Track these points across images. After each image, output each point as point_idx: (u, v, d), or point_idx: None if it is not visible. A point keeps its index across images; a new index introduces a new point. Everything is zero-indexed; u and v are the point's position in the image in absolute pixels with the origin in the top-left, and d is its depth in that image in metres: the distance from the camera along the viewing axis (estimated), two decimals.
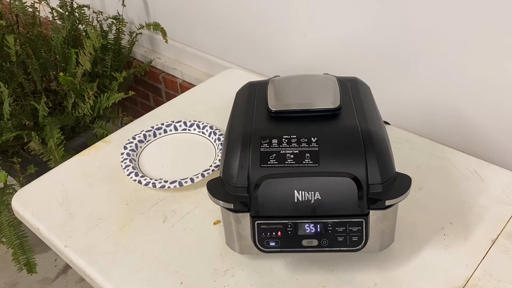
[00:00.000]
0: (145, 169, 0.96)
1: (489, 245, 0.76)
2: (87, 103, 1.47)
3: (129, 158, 0.96)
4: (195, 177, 0.90)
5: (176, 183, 0.89)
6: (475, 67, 0.92)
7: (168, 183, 0.89)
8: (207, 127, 1.03)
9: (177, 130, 1.05)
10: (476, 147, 0.99)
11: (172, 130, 1.05)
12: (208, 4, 1.37)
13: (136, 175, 0.91)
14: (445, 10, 0.90)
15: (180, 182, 0.89)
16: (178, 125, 1.05)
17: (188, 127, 1.05)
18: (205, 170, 0.91)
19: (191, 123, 1.05)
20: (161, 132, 1.04)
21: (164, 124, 1.05)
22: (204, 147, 1.01)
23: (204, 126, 1.04)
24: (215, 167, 0.92)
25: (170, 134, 1.05)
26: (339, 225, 0.66)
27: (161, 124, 1.05)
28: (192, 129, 1.05)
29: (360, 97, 0.78)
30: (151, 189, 0.91)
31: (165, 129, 1.04)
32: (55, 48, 1.57)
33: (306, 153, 0.67)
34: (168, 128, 1.05)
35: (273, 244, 0.68)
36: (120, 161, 0.95)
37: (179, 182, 0.89)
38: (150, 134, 1.03)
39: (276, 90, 0.78)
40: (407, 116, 1.07)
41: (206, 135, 1.03)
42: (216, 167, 0.92)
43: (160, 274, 0.75)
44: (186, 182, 0.89)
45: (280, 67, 1.27)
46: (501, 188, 0.86)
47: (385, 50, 1.04)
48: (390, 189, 0.65)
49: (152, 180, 0.90)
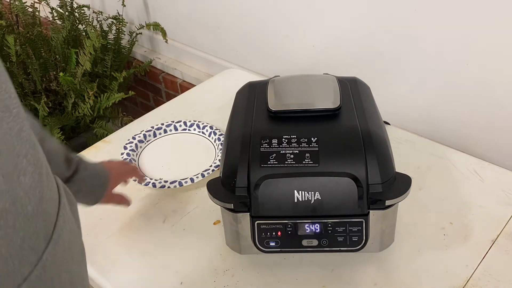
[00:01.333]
0: (145, 169, 0.96)
1: (489, 245, 0.76)
2: (87, 103, 1.47)
3: (129, 158, 0.96)
4: (195, 177, 0.90)
5: (176, 183, 0.89)
6: (475, 67, 0.92)
7: (168, 183, 0.89)
8: (207, 127, 1.03)
9: (177, 130, 1.05)
10: (476, 147, 0.99)
11: (172, 130, 1.05)
12: (208, 4, 1.37)
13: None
14: (445, 10, 0.90)
15: (180, 182, 0.89)
16: (178, 125, 1.05)
17: (188, 127, 1.05)
18: (205, 170, 0.91)
19: (191, 123, 1.05)
20: (161, 132, 1.04)
21: (164, 124, 1.05)
22: (204, 147, 1.01)
23: (204, 126, 1.04)
24: (215, 167, 0.92)
25: (170, 134, 1.05)
26: (339, 225, 0.66)
27: (161, 124, 1.05)
28: (192, 129, 1.05)
29: (360, 97, 0.78)
30: (151, 189, 0.91)
31: (165, 129, 1.04)
32: (55, 48, 1.57)
33: (306, 153, 0.67)
34: (168, 128, 1.05)
35: (273, 244, 0.68)
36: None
37: (179, 182, 0.89)
38: (150, 134, 1.03)
39: (276, 90, 0.78)
40: (407, 116, 1.07)
41: (206, 135, 1.03)
42: (216, 167, 0.92)
43: (160, 274, 0.75)
44: (186, 182, 0.89)
45: (280, 67, 1.27)
46: (501, 188, 0.86)
47: (385, 50, 1.04)
48: (390, 189, 0.65)
49: (152, 180, 0.90)
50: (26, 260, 0.35)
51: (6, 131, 0.33)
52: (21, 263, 0.35)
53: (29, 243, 0.35)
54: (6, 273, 0.34)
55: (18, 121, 0.35)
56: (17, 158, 0.34)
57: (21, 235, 0.34)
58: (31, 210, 0.35)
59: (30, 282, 0.35)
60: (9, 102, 0.34)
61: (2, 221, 0.32)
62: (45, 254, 0.37)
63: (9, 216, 0.33)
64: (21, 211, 0.34)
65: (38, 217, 0.37)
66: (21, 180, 0.34)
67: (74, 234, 0.45)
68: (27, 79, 1.54)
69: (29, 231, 0.35)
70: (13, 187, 0.33)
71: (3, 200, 0.32)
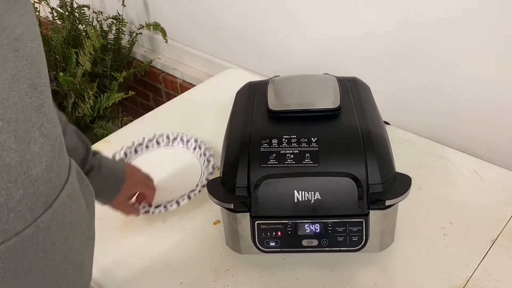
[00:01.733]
0: None
1: (489, 245, 0.76)
2: (87, 103, 1.47)
3: None
4: (180, 200, 0.84)
5: (161, 207, 0.83)
6: (475, 67, 0.92)
7: (152, 208, 0.83)
8: (191, 141, 0.96)
9: (160, 145, 0.98)
10: (476, 147, 0.99)
11: (154, 146, 0.98)
12: (208, 4, 1.37)
13: None
14: (445, 9, 0.90)
15: (165, 206, 0.83)
16: (160, 139, 0.98)
17: (171, 141, 0.98)
18: (191, 191, 0.85)
19: (174, 137, 0.98)
20: (143, 148, 0.97)
21: (146, 139, 0.98)
22: (189, 163, 0.93)
23: (188, 140, 0.97)
24: (201, 187, 0.86)
25: (152, 150, 0.98)
26: (339, 225, 0.66)
27: (142, 139, 0.98)
28: (176, 144, 0.98)
29: (360, 97, 0.78)
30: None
31: (146, 144, 0.97)
32: (55, 48, 1.57)
33: (306, 153, 0.67)
34: (150, 143, 0.98)
35: (273, 244, 0.68)
36: None
37: (164, 206, 0.83)
38: (131, 151, 0.96)
39: (276, 90, 0.78)
40: (407, 116, 1.07)
41: (191, 150, 0.96)
42: (203, 187, 0.86)
43: (160, 274, 0.75)
44: (172, 205, 0.83)
45: (280, 67, 1.27)
46: (501, 188, 0.86)
47: (385, 50, 1.04)
48: (390, 189, 0.65)
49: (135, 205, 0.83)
50: (22, 218, 0.38)
51: (27, 104, 0.38)
52: (16, 218, 0.38)
53: (27, 202, 0.38)
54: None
55: (41, 97, 0.39)
56: (31, 128, 0.38)
57: (21, 192, 0.38)
58: (35, 174, 0.39)
59: (22, 238, 0.38)
60: (38, 80, 0.39)
61: (5, 174, 0.36)
62: (42, 218, 0.40)
63: (12, 172, 0.36)
64: (25, 170, 0.38)
65: (41, 182, 0.40)
66: (30, 146, 0.38)
67: (80, 216, 0.47)
68: None
69: (30, 191, 0.38)
70: (22, 149, 0.37)
71: (10, 156, 0.36)
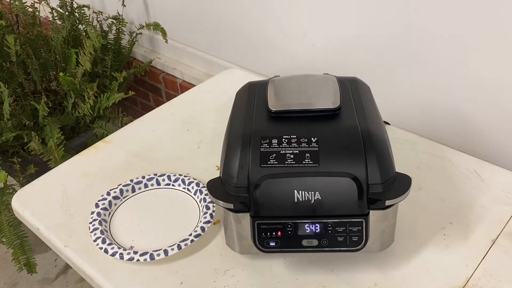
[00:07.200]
0: (117, 231, 0.83)
1: (489, 245, 0.76)
2: (87, 103, 1.47)
3: (99, 219, 0.83)
4: (169, 249, 0.77)
5: (147, 255, 0.77)
6: (475, 67, 0.92)
7: (137, 255, 0.77)
8: (193, 184, 0.91)
9: (160, 184, 0.92)
10: (476, 147, 0.99)
11: (154, 185, 0.92)
12: (208, 4, 1.37)
13: (104, 242, 0.79)
14: (445, 9, 0.90)
15: (151, 255, 0.77)
16: (161, 179, 0.93)
17: (172, 182, 0.92)
18: (182, 241, 0.78)
19: (175, 177, 0.92)
20: (141, 186, 0.92)
21: (145, 177, 0.92)
22: (187, 206, 0.88)
23: (190, 182, 0.91)
24: (195, 236, 0.79)
25: (151, 189, 0.92)
26: (339, 225, 0.66)
27: (141, 178, 0.92)
28: (177, 185, 0.92)
29: (360, 97, 0.78)
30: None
31: (145, 183, 0.92)
32: (55, 48, 1.57)
33: (306, 153, 0.67)
34: (150, 183, 0.92)
35: (273, 244, 0.68)
36: (88, 222, 0.83)
37: (150, 254, 0.77)
38: (128, 189, 0.91)
39: (276, 90, 0.78)
40: (407, 116, 1.07)
41: (192, 192, 0.90)
42: (196, 236, 0.79)
43: (160, 274, 0.75)
44: (159, 255, 0.76)
45: (280, 67, 1.27)
46: (501, 188, 0.86)
47: (385, 50, 1.04)
48: (390, 189, 0.65)
49: (120, 249, 0.78)
50: None
51: None
52: None
53: None
54: None
55: None
56: None
57: None
58: None
59: None
60: None
61: None
62: None
63: None
64: None
65: None
66: None
67: None
68: (27, 79, 1.54)
69: None
70: None
71: None
